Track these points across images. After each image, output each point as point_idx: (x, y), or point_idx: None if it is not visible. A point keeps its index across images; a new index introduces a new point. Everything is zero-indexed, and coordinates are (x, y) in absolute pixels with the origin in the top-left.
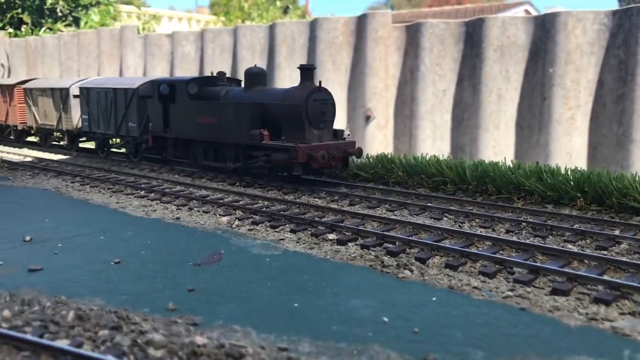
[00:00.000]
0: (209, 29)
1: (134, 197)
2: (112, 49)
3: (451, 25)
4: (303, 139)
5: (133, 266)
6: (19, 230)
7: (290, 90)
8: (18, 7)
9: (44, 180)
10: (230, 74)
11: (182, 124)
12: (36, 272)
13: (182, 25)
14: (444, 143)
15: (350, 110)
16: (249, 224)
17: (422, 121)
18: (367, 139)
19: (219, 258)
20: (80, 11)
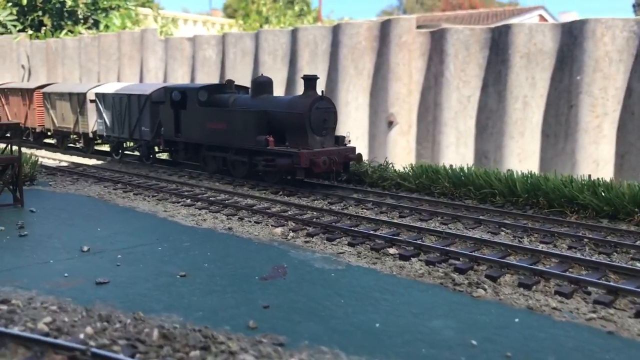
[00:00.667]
0: (231, 33)
1: (181, 205)
2: (132, 51)
3: (476, 31)
4: (306, 145)
5: (200, 280)
6: (74, 240)
7: (294, 99)
8: (39, 10)
9: (85, 186)
10: (251, 77)
11: (193, 129)
12: (104, 285)
13: (198, 28)
14: (467, 150)
15: (372, 115)
16: (303, 235)
17: (445, 127)
18: (390, 145)
19: (283, 272)
20: (100, 14)
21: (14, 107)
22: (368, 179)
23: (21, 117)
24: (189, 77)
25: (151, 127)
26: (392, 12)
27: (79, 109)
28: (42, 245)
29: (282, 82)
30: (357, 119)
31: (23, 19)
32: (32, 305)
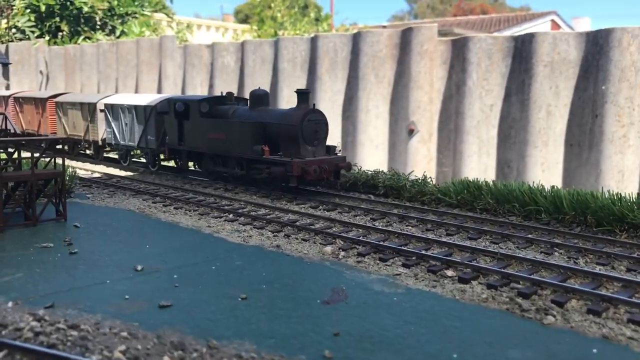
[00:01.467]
0: (250, 40)
1: (224, 220)
2: (151, 58)
3: (499, 39)
4: (298, 154)
5: (261, 303)
6: (125, 258)
7: (288, 112)
8: (57, 16)
9: (123, 199)
10: (270, 85)
11: (195, 138)
12: (167, 309)
13: (211, 34)
14: (489, 159)
15: (393, 123)
16: (354, 254)
17: (468, 136)
18: (410, 153)
19: (344, 296)
20: (116, 20)
21: (27, 115)
22: (406, 193)
23: (34, 125)
24: (207, 84)
25: (156, 136)
26: (403, 17)
27: (89, 118)
28: (95, 263)
29: None
30: (377, 127)
31: (41, 25)
32: (101, 330)
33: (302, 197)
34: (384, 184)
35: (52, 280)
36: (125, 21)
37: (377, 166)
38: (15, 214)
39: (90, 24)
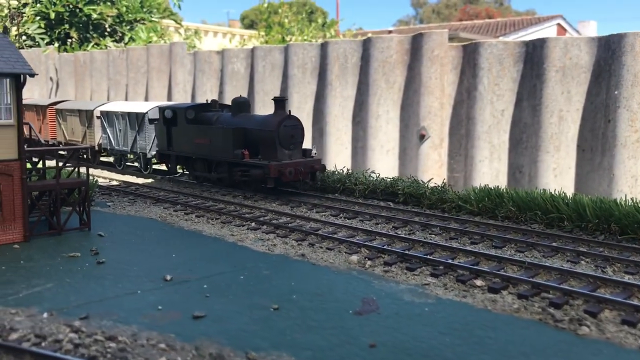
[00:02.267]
0: (260, 46)
1: (246, 229)
2: (161, 65)
3: (510, 45)
4: (275, 158)
5: (294, 314)
6: (153, 268)
7: (266, 118)
8: (66, 23)
9: (144, 207)
10: (280, 91)
11: (182, 143)
12: (201, 320)
13: (218, 39)
14: (501, 164)
15: (403, 128)
16: (381, 264)
17: (479, 141)
18: (421, 158)
19: (375, 306)
20: (125, 27)
21: (29, 121)
22: (426, 200)
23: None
24: (217, 90)
25: (148, 142)
26: (408, 22)
27: (87, 124)
28: (124, 273)
29: (312, 96)
30: (387, 132)
31: (50, 32)
32: (139, 342)
33: (322, 205)
34: (404, 191)
35: (82, 290)
36: (134, 27)
37: (388, 172)
38: (39, 222)
39: (98, 31)
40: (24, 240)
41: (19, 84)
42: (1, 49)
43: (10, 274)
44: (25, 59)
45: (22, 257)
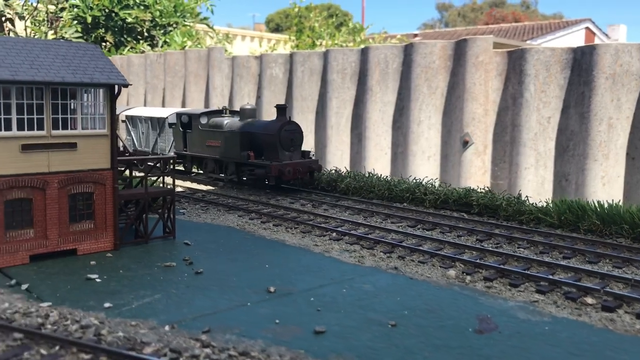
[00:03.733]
0: (299, 52)
1: (328, 239)
2: (198, 69)
3: (557, 51)
4: (277, 158)
5: (413, 331)
6: (252, 279)
7: (269, 123)
8: (102, 27)
9: (219, 215)
10: (319, 96)
11: (196, 145)
12: (323, 335)
13: (246, 43)
14: (547, 172)
15: (445, 134)
16: (480, 279)
17: (524, 148)
18: (464, 165)
19: (494, 324)
20: (158, 31)
21: None
22: (503, 212)
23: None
24: (255, 95)
25: (167, 143)
26: (433, 25)
27: None
28: (225, 284)
29: (350, 101)
30: (429, 138)
31: (87, 36)
32: (272, 358)
33: (395, 216)
34: (478, 202)
35: (191, 302)
36: (168, 32)
37: (429, 178)
38: (127, 231)
39: (133, 35)
40: (114, 249)
41: (113, 95)
42: (95, 59)
43: (115, 284)
44: (118, 69)
45: (119, 266)
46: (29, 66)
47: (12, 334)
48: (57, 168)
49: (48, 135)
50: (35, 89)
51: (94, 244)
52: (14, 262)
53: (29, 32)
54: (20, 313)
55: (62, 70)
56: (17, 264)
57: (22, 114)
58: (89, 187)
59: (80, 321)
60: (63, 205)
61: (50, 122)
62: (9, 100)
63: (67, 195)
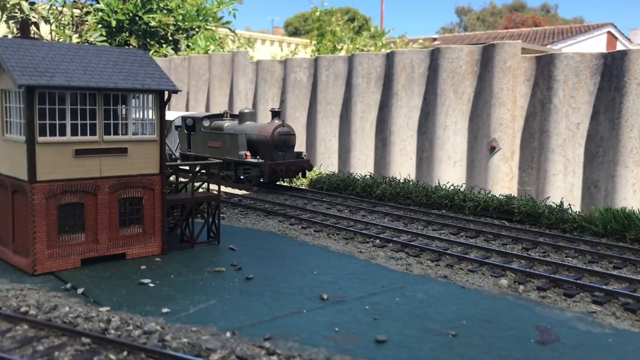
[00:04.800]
0: (324, 56)
1: (371, 246)
2: (223, 73)
3: (587, 56)
4: (271, 158)
5: (475, 341)
6: (302, 285)
7: (264, 126)
8: (126, 31)
9: (259, 220)
10: (343, 100)
11: (199, 146)
12: (385, 344)
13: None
14: (575, 178)
15: (472, 139)
16: (533, 288)
17: (553, 154)
18: (491, 170)
19: (555, 335)
20: (181, 34)
21: None
22: (545, 220)
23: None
24: (279, 99)
25: (174, 145)
26: (452, 30)
27: None
28: (277, 290)
29: (375, 106)
30: (455, 144)
31: (111, 39)
32: None
33: (436, 222)
34: (520, 209)
35: (247, 308)
36: (190, 35)
37: (455, 183)
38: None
39: (156, 39)
40: (162, 253)
41: (162, 100)
42: (145, 65)
43: (168, 289)
44: (167, 75)
45: (169, 271)
46: (83, 72)
47: (80, 338)
48: (109, 173)
49: (100, 141)
50: (88, 95)
51: (142, 248)
52: (66, 265)
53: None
54: (82, 317)
55: (114, 76)
56: (69, 267)
57: (76, 120)
58: (139, 192)
59: (142, 327)
60: (113, 210)
61: (102, 128)
62: (63, 105)
63: (118, 199)
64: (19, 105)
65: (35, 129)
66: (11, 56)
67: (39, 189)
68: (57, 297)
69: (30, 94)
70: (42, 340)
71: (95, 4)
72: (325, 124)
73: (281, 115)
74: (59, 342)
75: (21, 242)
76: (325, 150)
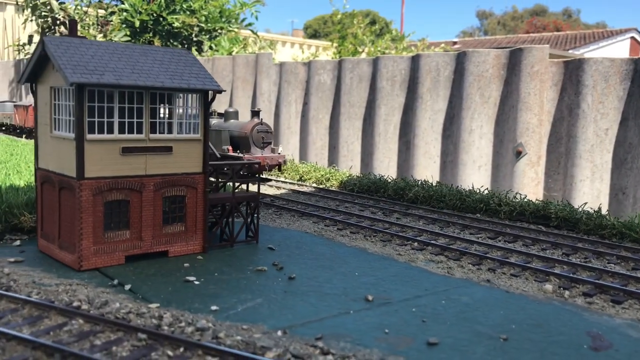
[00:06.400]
0: (348, 58)
1: (410, 248)
2: (246, 75)
3: (617, 62)
4: (249, 153)
5: (527, 346)
6: (346, 286)
7: (244, 124)
8: (150, 32)
9: (293, 220)
10: (367, 102)
11: None
12: (438, 347)
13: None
14: (603, 184)
15: (497, 144)
16: (579, 294)
17: (580, 160)
18: (517, 175)
19: (607, 342)
20: (204, 36)
21: None
22: (583, 225)
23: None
24: (302, 101)
25: None
26: (472, 34)
27: None
28: (321, 291)
29: (399, 108)
30: (480, 148)
31: (135, 40)
32: None
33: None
34: (557, 215)
35: (294, 307)
36: (213, 37)
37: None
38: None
39: (179, 39)
40: (203, 252)
41: (206, 100)
42: (189, 65)
43: (213, 287)
44: (210, 75)
45: (212, 269)
46: (131, 71)
47: (135, 334)
48: (154, 171)
49: (146, 139)
50: (135, 93)
51: (184, 246)
52: (111, 262)
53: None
54: (134, 313)
55: (160, 75)
56: (114, 264)
57: (123, 118)
58: (182, 190)
59: (194, 323)
60: (157, 208)
61: (148, 126)
62: (112, 104)
63: (162, 197)
64: (68, 103)
65: (85, 126)
66: (62, 54)
67: (87, 186)
68: (106, 293)
69: (81, 92)
70: (99, 335)
71: (120, 4)
72: (348, 126)
73: (260, 115)
74: (115, 337)
75: (67, 238)
76: (347, 153)
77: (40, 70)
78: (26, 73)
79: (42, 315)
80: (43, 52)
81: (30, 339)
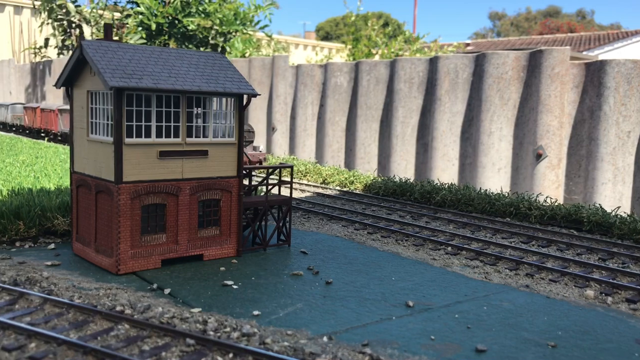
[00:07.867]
0: (365, 60)
1: (444, 253)
2: (262, 77)
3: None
4: None
5: (577, 353)
6: (384, 291)
7: None
8: (165, 34)
9: (322, 224)
10: (384, 105)
11: None
12: (486, 354)
13: (299, 51)
14: (625, 187)
15: (517, 146)
16: (622, 300)
17: (602, 163)
18: (537, 178)
19: None
20: (219, 38)
21: None
22: (617, 230)
23: None
24: (318, 104)
25: None
26: (485, 35)
27: None
28: (360, 296)
29: (417, 110)
30: (499, 150)
31: (151, 42)
32: None
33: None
34: (589, 219)
35: (335, 313)
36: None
37: (498, 190)
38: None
39: (194, 42)
40: (237, 255)
41: (241, 104)
42: (224, 69)
43: (252, 291)
44: (245, 79)
45: (247, 273)
46: (168, 75)
47: (183, 339)
48: (190, 175)
49: (183, 143)
50: (172, 97)
51: (218, 250)
52: (148, 265)
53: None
54: (178, 318)
55: (197, 79)
56: (150, 267)
57: (160, 122)
58: (217, 194)
59: (240, 329)
60: (193, 211)
61: (185, 130)
62: (149, 107)
63: (197, 201)
64: (106, 107)
65: (123, 130)
66: (101, 58)
67: (125, 190)
68: (146, 297)
69: (120, 96)
70: (146, 340)
71: (136, 7)
72: (365, 128)
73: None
74: (162, 342)
75: (104, 241)
76: (364, 155)
77: (76, 74)
78: (63, 77)
79: (87, 319)
80: (81, 56)
81: (81, 343)
